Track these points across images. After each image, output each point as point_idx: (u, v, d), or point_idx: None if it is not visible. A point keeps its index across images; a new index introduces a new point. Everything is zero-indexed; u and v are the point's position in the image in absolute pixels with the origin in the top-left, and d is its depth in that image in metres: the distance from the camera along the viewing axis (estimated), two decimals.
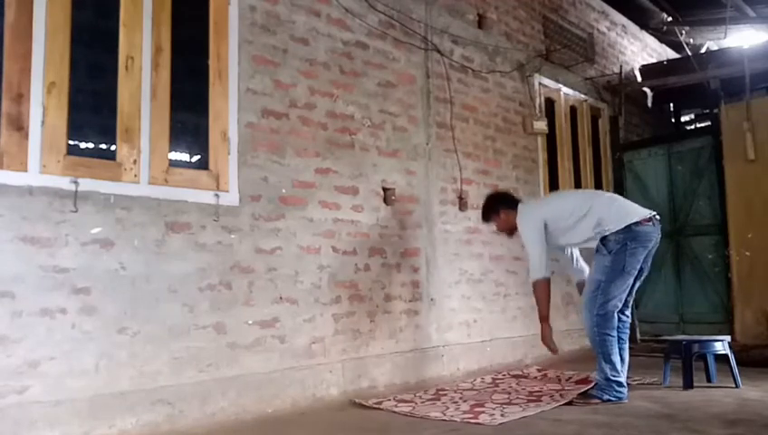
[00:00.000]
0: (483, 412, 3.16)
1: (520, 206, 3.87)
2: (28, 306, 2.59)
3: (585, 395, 3.49)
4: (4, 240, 2.56)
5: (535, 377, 4.37)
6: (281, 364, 3.42)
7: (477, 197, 4.91)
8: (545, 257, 3.62)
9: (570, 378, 4.17)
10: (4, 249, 2.56)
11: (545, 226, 3.65)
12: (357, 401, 3.56)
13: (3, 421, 2.45)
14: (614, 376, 3.43)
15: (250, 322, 3.32)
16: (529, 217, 3.72)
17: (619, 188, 6.62)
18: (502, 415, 3.09)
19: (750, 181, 5.34)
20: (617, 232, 3.47)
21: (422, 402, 3.51)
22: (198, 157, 3.35)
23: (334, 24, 4.00)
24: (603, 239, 3.51)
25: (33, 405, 2.55)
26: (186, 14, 3.29)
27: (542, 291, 3.62)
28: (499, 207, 3.92)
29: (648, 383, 4.00)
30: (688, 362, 3.81)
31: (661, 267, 6.25)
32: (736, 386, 3.76)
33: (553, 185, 5.90)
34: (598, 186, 6.57)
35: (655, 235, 3.54)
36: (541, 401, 3.46)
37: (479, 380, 4.24)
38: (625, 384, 3.50)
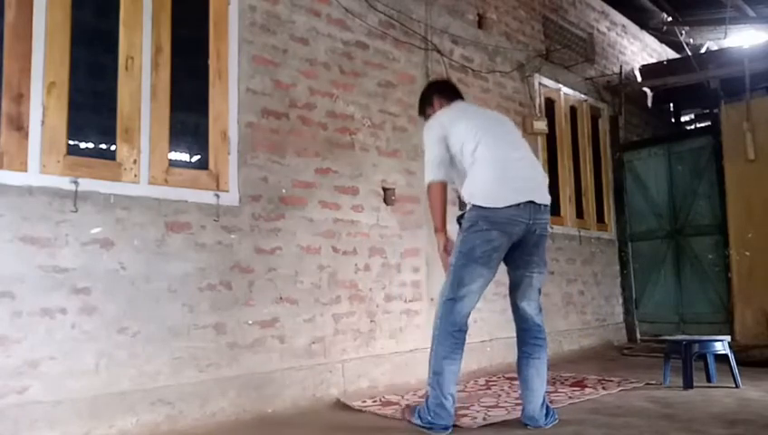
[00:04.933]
0: (466, 416, 3.12)
1: (454, 103, 3.09)
2: (28, 306, 2.59)
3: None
4: (5, 240, 2.56)
5: None
6: (281, 364, 3.42)
7: None
8: (440, 161, 2.89)
9: (565, 380, 4.16)
10: (4, 249, 2.56)
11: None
12: (344, 401, 3.50)
13: (3, 421, 2.45)
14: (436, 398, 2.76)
15: (250, 322, 3.32)
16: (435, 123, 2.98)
17: (619, 188, 6.64)
18: (484, 418, 3.06)
19: (750, 181, 5.34)
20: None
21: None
22: (198, 157, 3.35)
23: (334, 24, 4.00)
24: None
25: (33, 405, 2.54)
26: (186, 14, 3.29)
27: (432, 196, 2.93)
28: (434, 96, 3.17)
29: (647, 383, 4.00)
30: (688, 362, 3.81)
31: (661, 267, 6.27)
32: (736, 386, 3.75)
33: (553, 185, 5.88)
34: (598, 185, 6.58)
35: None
36: None
37: (472, 382, 4.21)
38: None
